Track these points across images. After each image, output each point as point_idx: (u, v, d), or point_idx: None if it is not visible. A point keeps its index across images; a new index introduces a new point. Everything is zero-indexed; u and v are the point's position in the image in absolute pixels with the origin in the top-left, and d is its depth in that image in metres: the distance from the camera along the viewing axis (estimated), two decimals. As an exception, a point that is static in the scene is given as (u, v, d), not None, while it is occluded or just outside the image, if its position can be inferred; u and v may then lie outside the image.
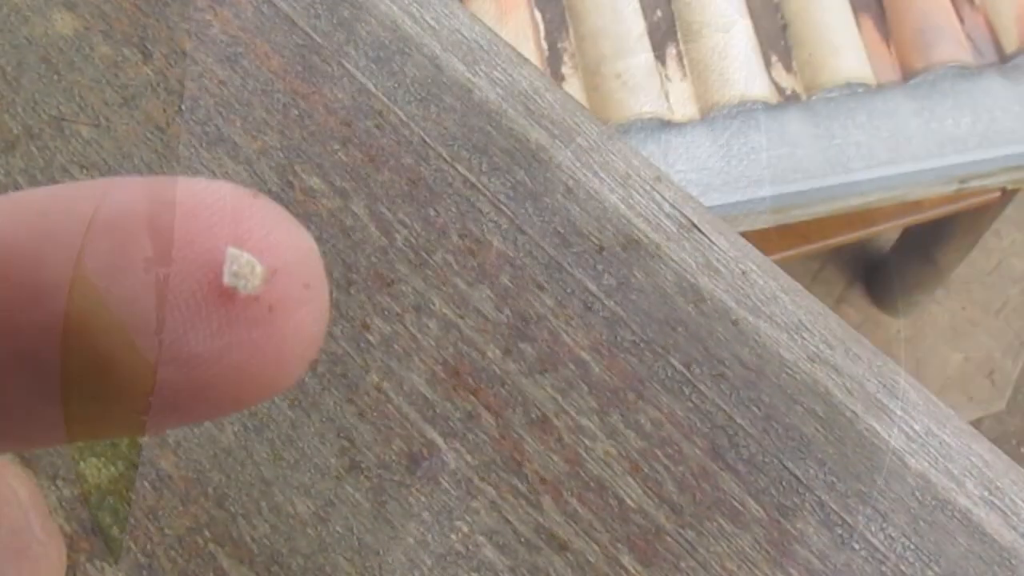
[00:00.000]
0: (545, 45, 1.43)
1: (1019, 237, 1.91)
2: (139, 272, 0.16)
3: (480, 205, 0.38)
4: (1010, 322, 1.86)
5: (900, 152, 1.44)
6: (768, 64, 1.44)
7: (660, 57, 1.43)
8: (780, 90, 1.43)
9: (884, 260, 1.98)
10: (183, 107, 0.39)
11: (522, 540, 0.34)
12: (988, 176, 1.51)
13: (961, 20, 1.48)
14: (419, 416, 0.35)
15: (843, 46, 1.43)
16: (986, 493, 0.35)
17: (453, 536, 0.34)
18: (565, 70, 1.41)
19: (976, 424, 1.84)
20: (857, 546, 0.34)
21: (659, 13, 1.46)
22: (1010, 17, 1.46)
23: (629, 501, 0.35)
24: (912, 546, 0.34)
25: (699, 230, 0.38)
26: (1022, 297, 1.88)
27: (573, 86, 1.35)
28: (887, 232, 1.82)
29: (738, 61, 1.41)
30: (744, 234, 0.40)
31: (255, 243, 0.17)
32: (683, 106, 1.41)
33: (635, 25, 1.42)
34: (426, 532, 0.34)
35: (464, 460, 0.35)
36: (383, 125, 0.39)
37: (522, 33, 1.38)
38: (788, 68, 1.44)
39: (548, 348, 0.36)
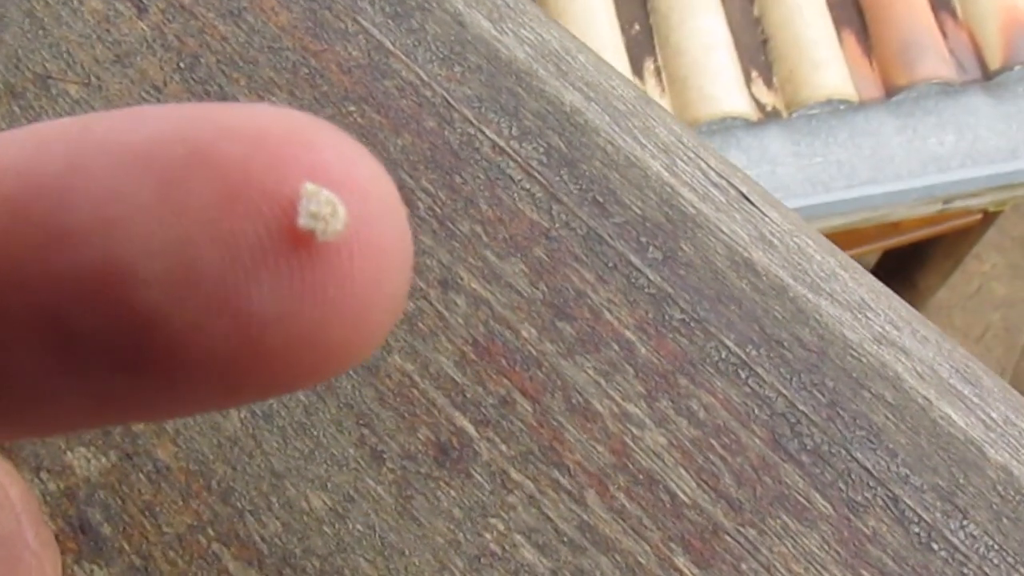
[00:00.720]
0: (520, 58, 1.40)
1: (1000, 261, 1.90)
2: (190, 212, 0.13)
3: (510, 172, 0.35)
4: (991, 348, 1.85)
5: (882, 171, 1.43)
6: (748, 80, 1.42)
7: (638, 72, 1.41)
8: (760, 107, 1.41)
9: (862, 284, 1.97)
10: (182, 65, 0.36)
11: (564, 539, 0.31)
12: (972, 196, 1.50)
13: (944, 36, 1.46)
14: (447, 401, 0.32)
15: (825, 62, 1.42)
16: (1076, 486, 0.32)
17: (487, 535, 0.31)
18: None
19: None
20: (936, 546, 0.31)
21: (637, 27, 1.44)
22: (994, 33, 1.45)
23: (683, 496, 0.32)
24: (995, 546, 0.31)
25: (749, 201, 0.35)
26: (1003, 323, 1.87)
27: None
28: (867, 255, 1.81)
29: (718, 77, 1.39)
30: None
31: (335, 179, 0.14)
32: (662, 122, 1.39)
33: (612, 39, 1.40)
34: (457, 530, 0.31)
35: (498, 450, 0.32)
36: (402, 86, 0.36)
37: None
38: (769, 84, 1.43)
39: (589, 327, 0.33)
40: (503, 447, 0.32)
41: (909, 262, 1.81)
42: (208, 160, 0.14)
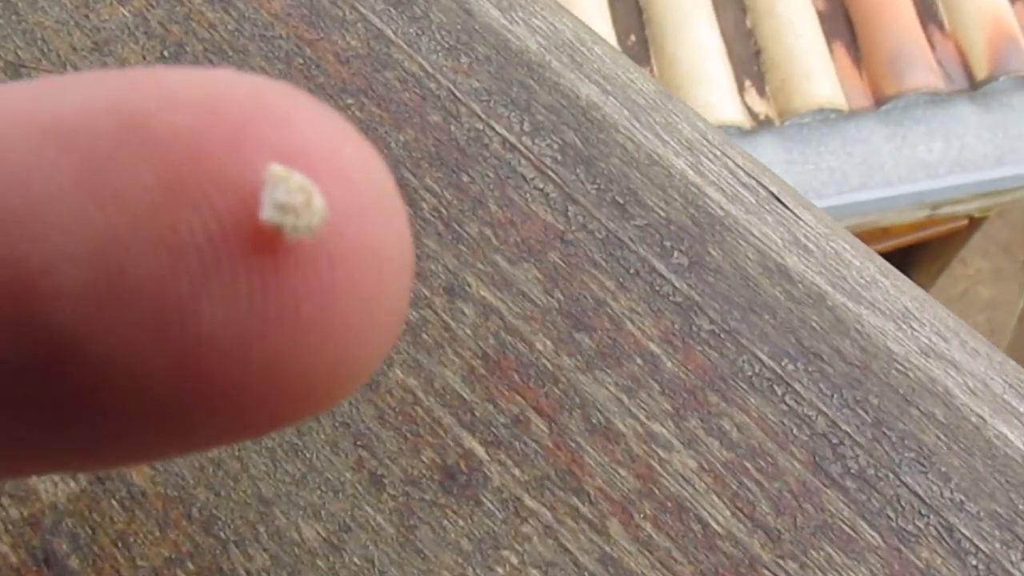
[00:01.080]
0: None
1: (985, 265, 1.87)
2: (120, 201, 0.10)
3: (522, 170, 0.30)
4: (976, 349, 1.81)
5: (872, 178, 1.41)
6: (742, 89, 1.39)
7: (634, 81, 1.38)
8: (753, 115, 1.39)
9: (850, 288, 1.94)
10: (166, 54, 0.31)
11: (585, 574, 0.27)
12: (959, 202, 1.48)
13: (932, 46, 1.44)
14: (454, 421, 0.28)
15: (816, 72, 1.39)
16: None
17: (499, 569, 0.27)
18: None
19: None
20: (995, 580, 0.27)
21: (633, 37, 1.41)
22: (980, 43, 1.43)
23: (715, 525, 0.27)
24: (1060, 580, 0.27)
25: (780, 202, 0.31)
26: (989, 325, 1.84)
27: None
28: (855, 259, 1.78)
29: (712, 86, 1.37)
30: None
31: (311, 161, 0.10)
32: (657, 130, 1.36)
33: (609, 49, 1.37)
34: (465, 564, 0.27)
35: (511, 475, 0.27)
36: (405, 77, 0.31)
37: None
38: (761, 93, 1.40)
39: (609, 339, 0.29)
40: (516, 471, 0.27)
41: (897, 266, 1.78)
42: (146, 134, 0.10)
